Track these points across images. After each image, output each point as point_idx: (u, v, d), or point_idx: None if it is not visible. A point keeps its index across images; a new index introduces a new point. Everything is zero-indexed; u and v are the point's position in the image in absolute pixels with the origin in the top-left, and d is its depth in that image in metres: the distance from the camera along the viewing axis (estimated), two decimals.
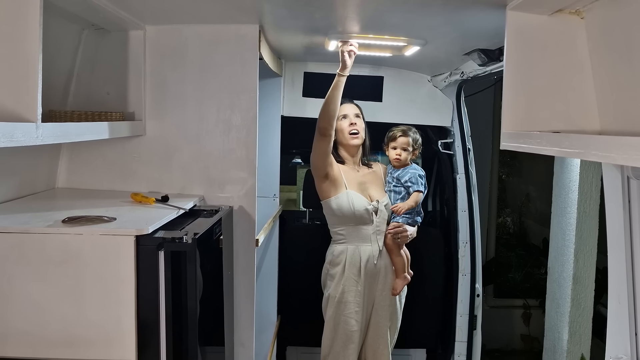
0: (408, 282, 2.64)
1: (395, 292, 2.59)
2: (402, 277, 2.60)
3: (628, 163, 1.03)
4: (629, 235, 1.57)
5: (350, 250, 2.54)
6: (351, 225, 2.54)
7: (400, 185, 2.63)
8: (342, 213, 2.53)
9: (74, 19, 1.92)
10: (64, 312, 1.50)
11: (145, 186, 2.13)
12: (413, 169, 2.66)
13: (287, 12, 1.95)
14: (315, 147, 2.49)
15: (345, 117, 2.60)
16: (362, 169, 2.69)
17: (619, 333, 1.65)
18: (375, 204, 2.56)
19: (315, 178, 2.58)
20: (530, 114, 1.62)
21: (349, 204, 2.52)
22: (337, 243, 2.59)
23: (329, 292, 2.57)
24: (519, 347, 4.96)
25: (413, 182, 2.61)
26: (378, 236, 2.56)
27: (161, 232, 1.56)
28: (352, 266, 2.53)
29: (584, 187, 3.28)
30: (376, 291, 2.58)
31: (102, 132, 1.76)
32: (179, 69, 2.14)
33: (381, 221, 2.56)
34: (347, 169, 2.63)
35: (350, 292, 2.52)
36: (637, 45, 1.35)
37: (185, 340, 1.55)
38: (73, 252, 1.48)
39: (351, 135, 2.59)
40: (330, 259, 2.60)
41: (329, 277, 2.59)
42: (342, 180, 2.56)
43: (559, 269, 3.49)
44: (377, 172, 2.72)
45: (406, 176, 2.63)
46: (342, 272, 2.53)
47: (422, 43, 2.29)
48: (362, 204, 2.53)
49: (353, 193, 2.54)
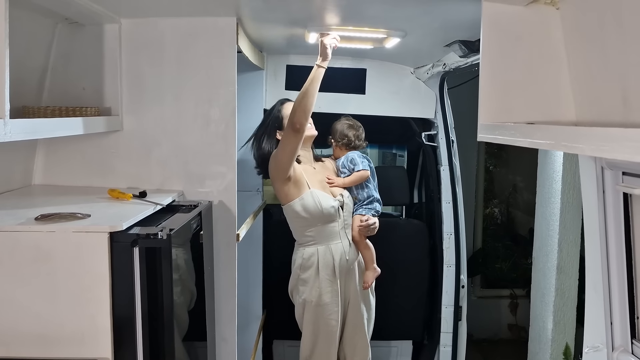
0: (378, 274, 2.62)
1: (367, 285, 2.56)
2: (371, 268, 2.59)
3: (595, 154, 1.04)
4: (603, 225, 1.57)
5: (322, 251, 2.47)
6: (319, 225, 2.46)
7: (348, 168, 2.65)
8: (309, 214, 2.44)
9: (47, 12, 1.89)
10: (37, 311, 1.48)
11: (123, 182, 2.10)
12: (351, 153, 2.69)
13: (263, 4, 1.93)
14: (286, 145, 2.34)
15: None
16: (317, 165, 2.65)
17: (596, 322, 1.67)
18: (340, 199, 2.53)
19: (277, 181, 2.43)
20: (506, 105, 1.62)
21: (315, 203, 2.44)
22: (305, 246, 2.51)
23: (304, 298, 2.49)
24: (506, 337, 5.01)
25: (354, 163, 2.63)
26: (346, 231, 2.53)
27: (136, 229, 1.54)
28: (326, 267, 2.47)
29: (567, 177, 3.29)
30: (352, 286, 2.55)
31: (75, 127, 1.73)
32: (156, 63, 2.11)
33: (347, 215, 2.55)
34: (306, 167, 2.55)
35: (327, 294, 2.46)
36: (611, 36, 1.35)
37: (162, 337, 1.53)
38: (46, 250, 1.46)
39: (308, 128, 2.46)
40: (301, 263, 2.50)
41: (301, 282, 2.50)
42: (303, 180, 2.46)
43: (544, 258, 3.51)
44: (329, 166, 2.70)
45: (347, 160, 2.66)
46: (316, 275, 2.46)
47: (402, 35, 2.28)
48: (328, 201, 2.48)
49: (317, 192, 2.47)
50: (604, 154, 0.98)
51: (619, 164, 1.52)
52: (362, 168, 2.62)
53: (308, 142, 2.57)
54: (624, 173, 1.54)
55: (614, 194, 1.57)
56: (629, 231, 1.56)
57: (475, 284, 5.19)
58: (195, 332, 2.01)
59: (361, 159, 2.66)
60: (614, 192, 1.56)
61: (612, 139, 0.98)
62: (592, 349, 1.65)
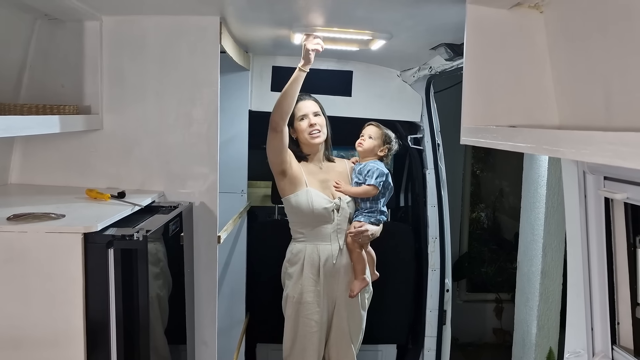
0: (366, 285, 2.56)
1: (352, 294, 2.51)
2: (360, 278, 2.52)
3: (576, 157, 1.02)
4: (585, 230, 1.57)
5: (309, 250, 2.49)
6: (311, 224, 2.48)
7: (361, 178, 2.56)
8: (301, 211, 2.46)
9: (26, 8, 1.85)
10: (9, 313, 1.45)
11: (103, 182, 2.06)
12: (374, 163, 2.59)
13: (247, 3, 1.90)
14: (268, 143, 2.40)
15: (304, 118, 2.51)
16: (326, 164, 2.63)
17: (578, 327, 1.66)
18: (337, 202, 2.50)
19: (274, 174, 2.50)
20: (489, 108, 1.61)
21: (308, 202, 2.45)
22: (296, 241, 2.54)
23: (287, 292, 2.52)
24: (491, 341, 5.01)
25: (369, 175, 2.54)
26: (339, 234, 2.50)
27: (112, 230, 1.51)
28: (311, 266, 2.47)
29: (551, 182, 3.30)
30: (337, 291, 2.52)
31: (52, 125, 1.70)
32: (138, 61, 2.08)
33: (342, 219, 2.51)
34: (310, 165, 2.56)
35: (309, 293, 2.47)
36: (594, 40, 1.34)
37: (137, 340, 1.51)
38: (18, 250, 1.43)
39: (311, 135, 2.51)
40: (289, 257, 2.54)
41: (287, 275, 2.54)
42: (302, 177, 2.49)
43: (528, 263, 3.51)
44: (341, 168, 2.66)
45: (365, 169, 2.56)
46: (301, 272, 2.48)
47: (387, 37, 2.27)
48: (321, 202, 2.46)
49: (313, 191, 2.48)
50: (585, 157, 0.97)
51: (601, 169, 1.52)
52: (372, 184, 2.51)
53: (314, 147, 2.55)
54: (605, 178, 1.53)
55: (596, 199, 1.57)
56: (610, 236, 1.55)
57: (460, 288, 5.19)
58: (174, 335, 1.98)
59: (380, 177, 2.53)
60: (595, 196, 1.56)
61: (592, 142, 0.96)
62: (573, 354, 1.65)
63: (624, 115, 1.24)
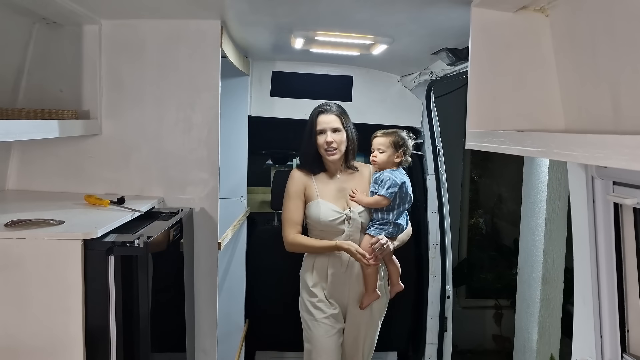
0: (377, 298, 2.50)
1: (361, 307, 2.49)
2: (370, 291, 2.47)
3: (589, 161, 1.00)
4: (593, 236, 1.54)
5: (320, 259, 2.50)
6: (320, 234, 2.49)
7: (376, 188, 2.49)
8: (311, 221, 2.50)
9: (24, 11, 1.82)
10: (6, 320, 1.41)
11: (102, 188, 2.03)
12: (389, 172, 2.48)
13: (248, 7, 1.88)
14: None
15: (322, 133, 2.47)
16: (344, 173, 2.57)
17: (585, 334, 1.63)
18: (348, 212, 2.46)
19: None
20: (495, 112, 1.59)
21: (317, 214, 2.46)
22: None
23: (302, 296, 2.55)
24: (491, 348, 4.98)
25: (381, 185, 2.46)
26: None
27: (112, 236, 1.48)
28: (321, 275, 2.50)
29: (552, 188, 3.29)
30: (347, 300, 2.51)
31: (50, 130, 1.66)
32: (137, 65, 2.05)
33: (354, 230, 2.46)
34: (325, 177, 2.54)
35: (321, 301, 2.48)
36: (600, 43, 1.33)
37: (138, 349, 1.47)
38: (16, 257, 1.39)
39: (327, 152, 2.47)
40: (303, 264, 2.58)
41: (302, 282, 2.56)
42: (313, 191, 2.51)
43: (529, 269, 3.49)
44: (361, 176, 2.59)
45: (380, 178, 2.49)
46: (312, 279, 2.51)
47: (389, 41, 2.25)
48: (329, 214, 2.45)
49: (323, 202, 2.47)
50: (599, 161, 0.95)
51: (610, 174, 1.50)
52: (382, 194, 2.45)
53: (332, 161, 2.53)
54: (614, 183, 1.51)
55: (605, 204, 1.55)
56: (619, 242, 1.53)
57: (460, 294, 5.17)
58: (173, 344, 1.94)
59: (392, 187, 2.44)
60: (604, 202, 1.54)
61: (606, 145, 0.94)
62: None
63: (634, 119, 1.22)
